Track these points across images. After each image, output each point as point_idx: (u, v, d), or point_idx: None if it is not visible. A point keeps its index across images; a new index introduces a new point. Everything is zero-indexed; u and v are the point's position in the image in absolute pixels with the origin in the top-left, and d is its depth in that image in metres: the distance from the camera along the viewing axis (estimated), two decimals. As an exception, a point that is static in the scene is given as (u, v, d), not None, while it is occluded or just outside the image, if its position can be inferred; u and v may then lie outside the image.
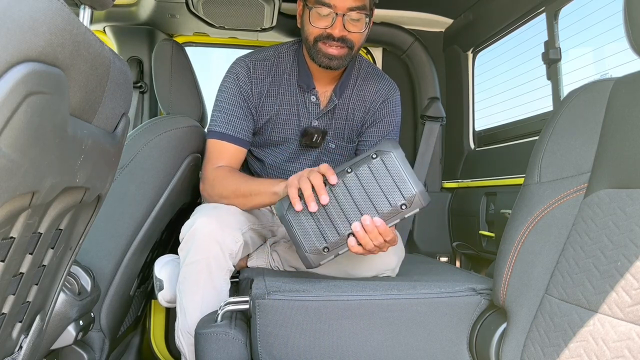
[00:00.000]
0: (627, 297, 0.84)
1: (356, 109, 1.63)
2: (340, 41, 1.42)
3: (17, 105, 0.49)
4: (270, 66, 1.57)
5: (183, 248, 1.31)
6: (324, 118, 1.61)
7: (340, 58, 1.45)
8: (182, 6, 1.86)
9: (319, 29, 1.42)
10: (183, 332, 1.33)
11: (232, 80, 1.54)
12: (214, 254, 1.28)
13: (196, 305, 1.30)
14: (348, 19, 1.41)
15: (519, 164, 1.60)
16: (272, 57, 1.58)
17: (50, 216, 0.69)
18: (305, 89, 1.57)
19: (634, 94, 0.95)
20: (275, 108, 1.58)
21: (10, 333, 0.75)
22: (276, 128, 1.60)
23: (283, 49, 1.61)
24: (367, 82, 1.63)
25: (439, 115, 2.20)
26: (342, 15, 1.40)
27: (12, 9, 0.48)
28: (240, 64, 1.56)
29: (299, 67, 1.57)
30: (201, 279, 1.29)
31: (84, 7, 0.74)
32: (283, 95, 1.58)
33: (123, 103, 0.81)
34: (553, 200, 1.04)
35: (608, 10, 1.67)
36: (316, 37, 1.44)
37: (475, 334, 1.16)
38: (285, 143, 1.63)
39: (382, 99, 1.63)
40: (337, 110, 1.61)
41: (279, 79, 1.57)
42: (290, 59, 1.59)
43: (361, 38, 1.47)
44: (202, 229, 1.28)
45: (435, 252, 2.17)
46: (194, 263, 1.28)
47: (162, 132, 1.47)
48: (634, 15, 0.90)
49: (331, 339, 1.13)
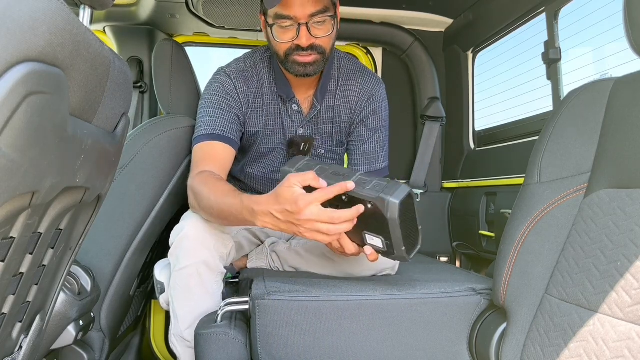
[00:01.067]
0: (627, 297, 0.84)
1: (342, 110, 1.57)
2: (310, 49, 1.37)
3: (17, 105, 0.49)
4: (250, 78, 1.51)
5: (173, 253, 1.30)
6: (309, 125, 1.57)
7: (314, 64, 1.40)
8: (182, 6, 1.86)
9: (286, 43, 1.38)
10: (177, 337, 1.32)
11: (216, 87, 1.48)
12: (204, 258, 1.27)
13: (189, 310, 1.29)
14: (312, 25, 1.36)
15: (519, 164, 1.60)
16: (250, 68, 1.53)
17: (50, 216, 0.69)
18: (285, 98, 1.52)
19: (634, 94, 0.95)
20: (262, 120, 1.53)
21: (10, 333, 0.75)
22: (264, 140, 1.56)
23: (257, 58, 1.55)
24: (350, 80, 1.56)
25: (439, 115, 2.20)
26: (305, 23, 1.34)
27: (12, 9, 0.48)
28: (223, 75, 1.50)
29: (276, 76, 1.52)
30: (192, 284, 1.28)
31: (84, 7, 0.74)
32: (267, 106, 1.53)
33: (123, 103, 0.81)
34: (553, 200, 1.04)
35: (608, 10, 1.67)
36: (285, 52, 1.39)
37: (475, 334, 1.16)
38: (273, 154, 1.59)
39: (367, 96, 1.56)
40: (322, 115, 1.56)
41: (260, 91, 1.53)
42: (266, 69, 1.54)
43: (330, 40, 1.42)
44: (190, 234, 1.26)
45: (435, 252, 2.17)
46: (184, 269, 1.27)
47: (162, 132, 1.47)
48: (634, 15, 0.90)
49: (331, 339, 1.13)
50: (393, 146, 2.29)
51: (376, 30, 2.16)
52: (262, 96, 1.52)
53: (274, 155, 1.59)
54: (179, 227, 1.30)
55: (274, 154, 1.59)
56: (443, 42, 2.28)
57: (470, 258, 2.10)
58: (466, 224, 2.03)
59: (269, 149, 1.58)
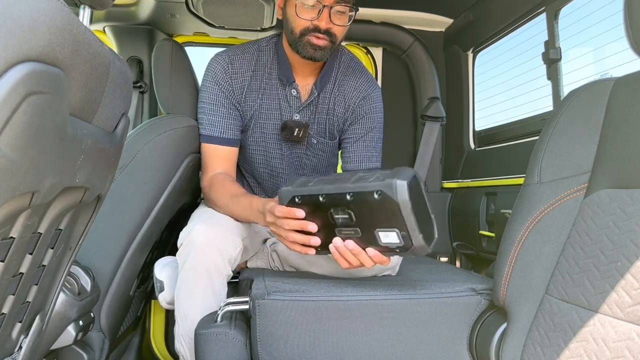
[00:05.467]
0: (627, 297, 0.84)
1: (337, 104, 1.61)
2: (326, 34, 1.42)
3: (17, 105, 0.49)
4: (250, 60, 1.56)
5: (181, 254, 1.31)
6: (305, 111, 1.60)
7: (324, 49, 1.44)
8: (182, 6, 1.86)
9: (306, 21, 1.42)
10: (184, 337, 1.32)
11: (210, 79, 1.54)
12: (213, 259, 1.27)
13: (197, 309, 1.29)
14: (334, 12, 1.41)
15: (519, 164, 1.60)
16: (253, 50, 1.58)
17: (50, 216, 0.69)
18: (285, 82, 1.55)
19: (634, 94, 0.95)
20: (257, 103, 1.57)
21: (10, 333, 0.75)
22: (259, 123, 1.59)
23: (263, 43, 1.60)
24: (348, 77, 1.61)
25: (439, 115, 2.20)
26: (330, 7, 1.40)
27: (12, 9, 0.48)
28: (217, 59, 1.55)
29: (279, 60, 1.56)
30: (200, 284, 1.28)
31: (84, 7, 0.74)
32: (264, 89, 1.56)
33: (123, 103, 0.81)
34: (553, 200, 1.04)
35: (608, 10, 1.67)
36: (302, 30, 1.43)
37: (475, 334, 1.16)
38: (270, 139, 1.61)
39: (362, 95, 1.60)
40: (319, 104, 1.60)
41: (260, 73, 1.56)
42: (270, 53, 1.58)
43: (343, 32, 1.48)
44: (201, 236, 1.27)
45: (435, 252, 2.17)
46: (193, 268, 1.28)
47: (162, 132, 1.47)
48: (634, 15, 0.90)
49: (331, 339, 1.13)
50: (393, 146, 2.31)
51: (376, 30, 2.16)
52: (260, 78, 1.56)
53: (272, 140, 1.61)
54: (188, 227, 1.31)
55: (272, 138, 1.61)
56: (443, 42, 2.28)
57: (470, 258, 2.10)
58: (466, 224, 2.03)
59: (264, 133, 1.60)
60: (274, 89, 1.57)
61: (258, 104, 1.57)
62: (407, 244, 1.02)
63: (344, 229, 1.08)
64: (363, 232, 1.06)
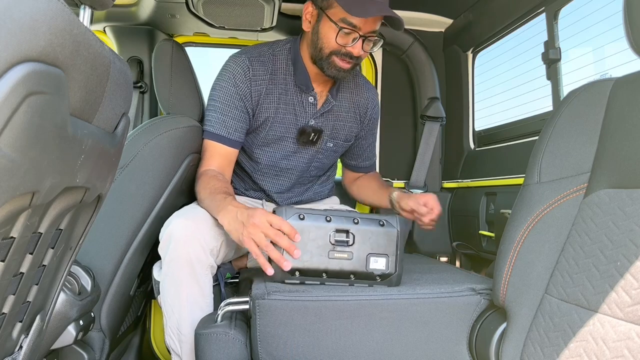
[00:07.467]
0: (627, 297, 0.85)
1: (349, 113, 1.71)
2: (355, 59, 1.48)
3: (17, 105, 0.49)
4: (267, 64, 1.57)
5: (162, 247, 1.32)
6: (320, 118, 1.65)
7: (348, 71, 1.51)
8: (182, 6, 1.86)
9: (339, 45, 1.46)
10: (172, 329, 1.33)
11: (228, 79, 1.54)
12: (194, 250, 1.29)
13: (182, 301, 1.30)
14: (367, 40, 1.46)
15: (519, 164, 1.60)
16: (268, 55, 1.59)
17: (50, 216, 0.69)
18: (304, 89, 1.59)
19: (633, 94, 0.95)
20: (273, 107, 1.59)
21: (10, 333, 0.75)
22: (274, 127, 1.61)
23: (277, 47, 1.61)
24: (360, 88, 1.72)
25: (439, 115, 2.20)
26: (365, 37, 1.45)
27: (13, 9, 0.48)
28: (236, 61, 1.55)
29: (295, 67, 1.59)
30: (182, 276, 1.29)
31: (84, 7, 0.75)
32: (280, 94, 1.59)
33: (123, 103, 0.81)
34: (553, 200, 1.04)
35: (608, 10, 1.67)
36: (332, 51, 1.47)
37: (475, 334, 1.16)
38: (282, 141, 1.64)
39: (371, 106, 1.75)
40: (333, 111, 1.67)
41: (276, 78, 1.58)
42: (285, 58, 1.60)
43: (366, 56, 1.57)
44: (179, 229, 1.29)
45: (435, 252, 2.17)
46: (174, 260, 1.29)
47: (162, 132, 1.47)
48: (634, 15, 0.90)
49: (331, 339, 1.13)
50: (393, 146, 2.31)
51: (376, 31, 2.16)
52: (276, 83, 1.59)
53: (283, 142, 1.65)
54: (167, 221, 1.34)
55: (283, 141, 1.64)
56: (443, 42, 2.28)
57: (470, 258, 2.10)
58: (466, 224, 2.03)
59: (278, 136, 1.63)
60: (291, 95, 1.60)
61: (274, 108, 1.59)
62: (388, 272, 1.21)
63: (338, 252, 1.19)
64: (355, 256, 1.19)
